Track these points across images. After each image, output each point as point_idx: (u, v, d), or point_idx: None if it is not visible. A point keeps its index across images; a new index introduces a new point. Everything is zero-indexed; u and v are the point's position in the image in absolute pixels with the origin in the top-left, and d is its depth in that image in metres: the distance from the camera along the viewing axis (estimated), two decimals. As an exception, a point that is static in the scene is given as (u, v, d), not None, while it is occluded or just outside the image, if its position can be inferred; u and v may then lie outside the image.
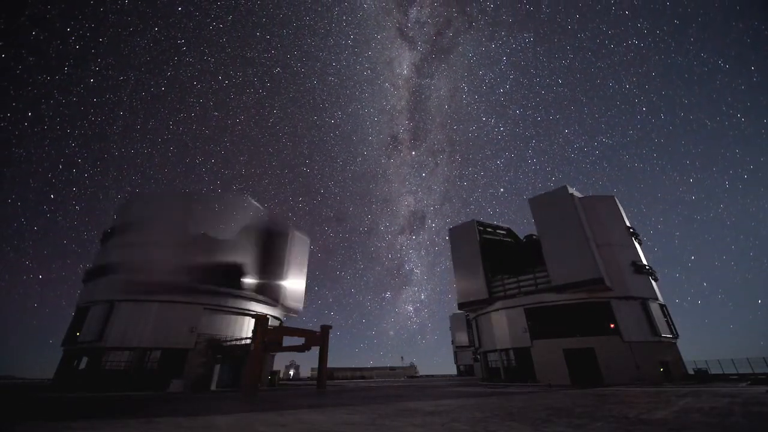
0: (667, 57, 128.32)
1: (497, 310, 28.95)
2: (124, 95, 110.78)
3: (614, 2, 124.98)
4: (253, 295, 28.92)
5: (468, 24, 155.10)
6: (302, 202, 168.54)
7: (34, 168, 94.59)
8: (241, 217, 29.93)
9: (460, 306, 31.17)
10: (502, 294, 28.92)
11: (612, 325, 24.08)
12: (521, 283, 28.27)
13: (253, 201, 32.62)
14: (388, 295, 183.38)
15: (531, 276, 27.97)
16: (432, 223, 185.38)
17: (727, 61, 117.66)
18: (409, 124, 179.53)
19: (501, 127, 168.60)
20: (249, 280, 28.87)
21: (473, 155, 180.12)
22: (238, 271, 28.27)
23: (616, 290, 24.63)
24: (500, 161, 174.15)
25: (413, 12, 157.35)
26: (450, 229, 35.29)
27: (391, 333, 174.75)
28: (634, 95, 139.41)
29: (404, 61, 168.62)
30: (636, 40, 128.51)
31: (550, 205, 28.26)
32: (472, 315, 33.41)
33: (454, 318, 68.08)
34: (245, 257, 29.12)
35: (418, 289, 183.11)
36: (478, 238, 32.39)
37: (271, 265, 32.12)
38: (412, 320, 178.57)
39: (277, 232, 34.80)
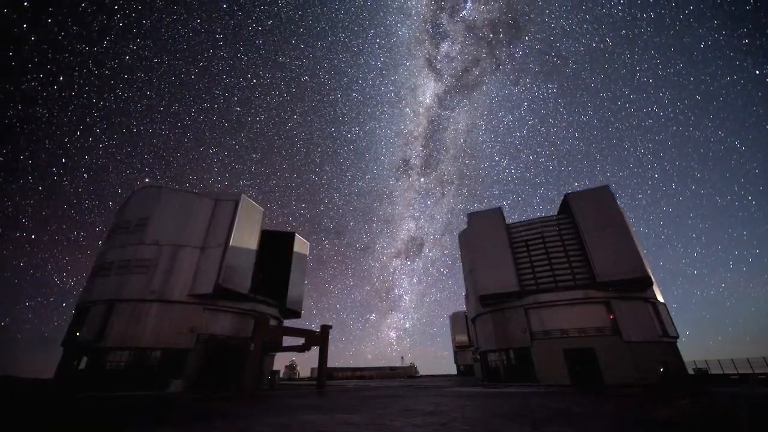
0: (685, 129, 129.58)
1: (516, 307, 27.77)
2: (155, 77, 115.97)
3: (639, 69, 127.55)
4: (263, 297, 29.40)
5: (495, 66, 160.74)
6: (304, 209, 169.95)
7: (53, 130, 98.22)
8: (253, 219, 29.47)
9: (483, 298, 28.87)
10: (534, 287, 27.64)
11: (612, 321, 24.14)
12: (557, 277, 27.28)
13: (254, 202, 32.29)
14: (372, 317, 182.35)
15: (568, 270, 27.14)
16: (429, 252, 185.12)
17: (744, 143, 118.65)
18: (422, 150, 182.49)
19: (512, 169, 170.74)
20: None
21: (481, 192, 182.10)
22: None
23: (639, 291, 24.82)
24: (507, 202, 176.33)
25: (444, 46, 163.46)
26: (470, 214, 32.81)
27: (369, 356, 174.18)
28: (648, 161, 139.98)
29: (428, 91, 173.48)
30: (656, 108, 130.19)
31: (593, 201, 27.79)
32: (484, 311, 31.81)
33: (454, 318, 68.10)
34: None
35: (404, 317, 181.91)
36: (505, 226, 30.78)
37: (273, 266, 32.38)
38: (393, 347, 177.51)
39: (280, 234, 35.14)
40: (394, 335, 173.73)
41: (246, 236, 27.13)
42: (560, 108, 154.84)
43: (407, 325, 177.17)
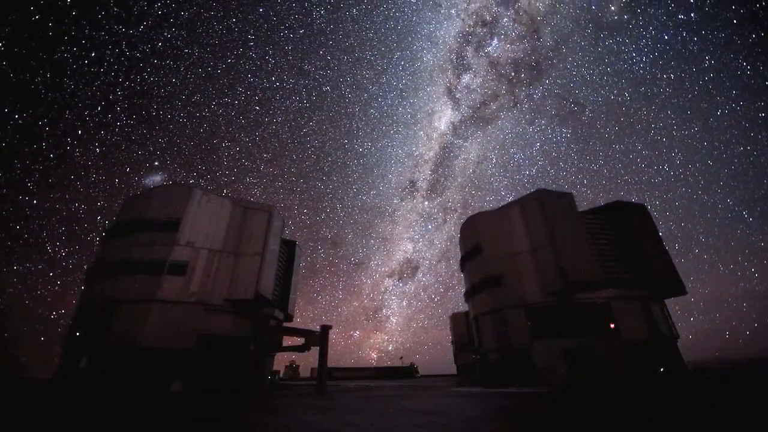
0: (694, 192, 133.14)
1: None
2: (183, 66, 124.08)
3: (655, 127, 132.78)
4: (277, 303, 30.45)
5: (513, 103, 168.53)
6: (305, 215, 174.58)
7: (75, 101, 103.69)
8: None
9: (573, 284, 26.74)
10: (607, 281, 26.68)
11: (612, 325, 24.14)
12: (624, 273, 27.24)
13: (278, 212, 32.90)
14: (356, 334, 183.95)
15: (629, 266, 27.39)
16: (423, 276, 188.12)
17: (752, 215, 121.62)
18: (430, 175, 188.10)
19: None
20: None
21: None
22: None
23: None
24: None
25: (466, 78, 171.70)
26: (542, 191, 31.41)
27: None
28: (654, 218, 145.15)
29: (444, 117, 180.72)
30: (667, 167, 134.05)
31: (638, 211, 29.76)
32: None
33: (454, 318, 68.10)
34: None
35: (388, 339, 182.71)
36: (578, 211, 29.48)
37: (279, 272, 33.41)
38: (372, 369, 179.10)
39: (285, 241, 35.84)
40: (375, 356, 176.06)
41: (274, 246, 28.82)
42: (572, 153, 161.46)
43: (390, 348, 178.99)
